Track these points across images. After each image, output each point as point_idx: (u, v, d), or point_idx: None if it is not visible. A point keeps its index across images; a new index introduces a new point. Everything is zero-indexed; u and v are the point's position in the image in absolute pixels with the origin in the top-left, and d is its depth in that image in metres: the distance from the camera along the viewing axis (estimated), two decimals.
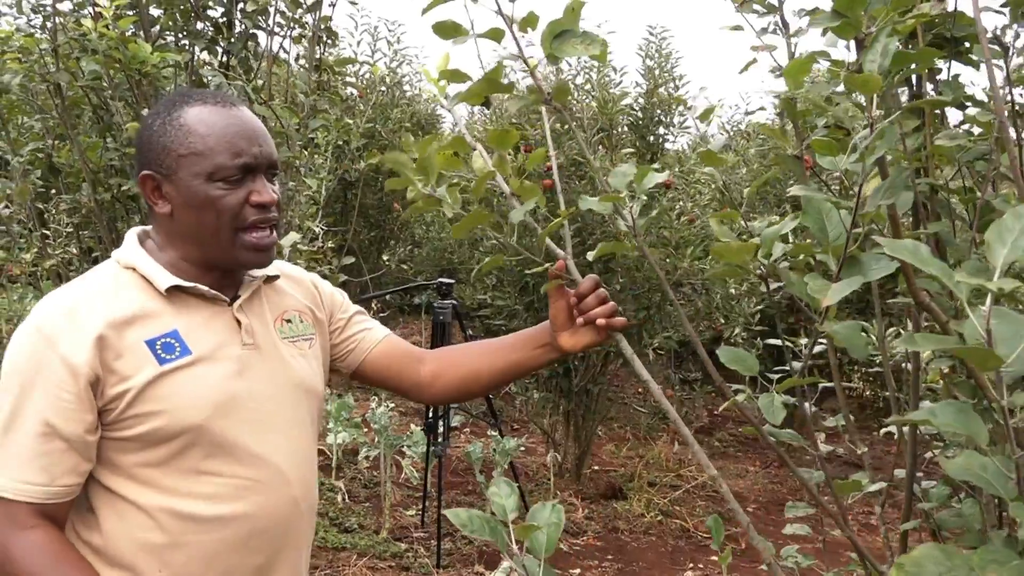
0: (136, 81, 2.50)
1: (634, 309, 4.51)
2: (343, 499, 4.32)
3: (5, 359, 1.13)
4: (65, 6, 2.73)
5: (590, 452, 5.21)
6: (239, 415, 1.19)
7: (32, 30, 2.65)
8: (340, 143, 3.53)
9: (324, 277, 3.19)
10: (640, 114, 4.79)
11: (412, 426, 4.78)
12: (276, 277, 1.34)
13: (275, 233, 1.23)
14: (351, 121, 3.55)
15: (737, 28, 1.35)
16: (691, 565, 4.12)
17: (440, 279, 3.80)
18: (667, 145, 5.05)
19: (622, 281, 4.33)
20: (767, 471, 5.54)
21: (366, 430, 4.48)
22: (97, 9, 2.48)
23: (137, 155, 1.23)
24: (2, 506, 1.11)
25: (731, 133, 6.35)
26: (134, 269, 1.20)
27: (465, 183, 1.12)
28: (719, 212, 1.49)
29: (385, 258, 4.56)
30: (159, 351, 1.15)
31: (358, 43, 6.06)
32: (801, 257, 0.94)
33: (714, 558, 4.16)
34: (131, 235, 1.27)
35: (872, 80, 0.66)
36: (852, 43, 0.81)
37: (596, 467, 5.38)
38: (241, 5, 2.78)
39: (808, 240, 0.87)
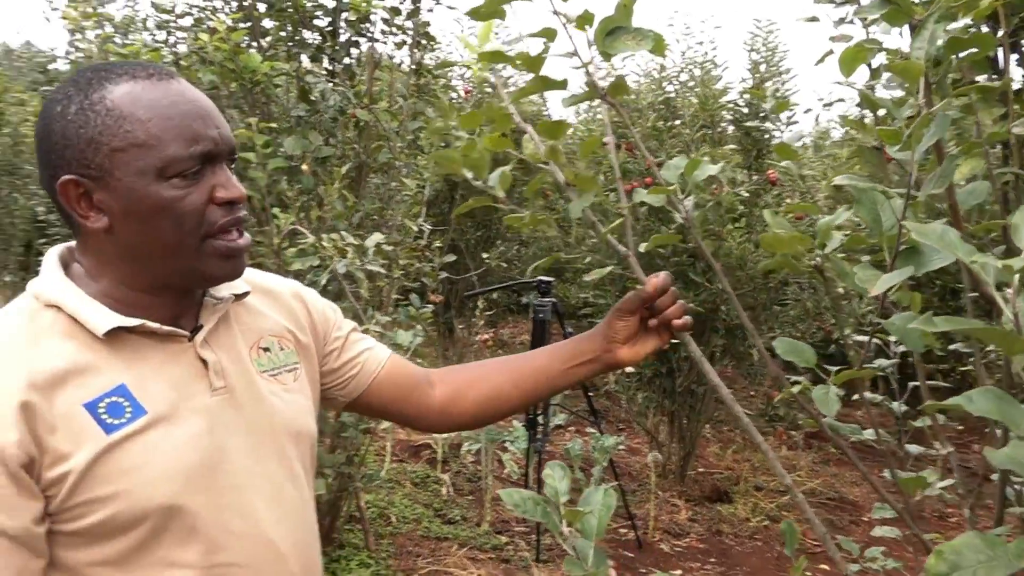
0: (248, 89, 2.67)
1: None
2: (447, 491, 4.43)
3: None
4: (186, 22, 2.93)
5: (695, 454, 5.14)
6: (216, 484, 0.93)
7: (157, 45, 2.86)
8: (443, 144, 3.64)
9: (425, 274, 3.29)
10: (745, 109, 4.69)
11: (515, 423, 4.85)
12: (246, 293, 1.06)
13: (246, 235, 0.98)
14: (453, 123, 3.64)
15: (813, 19, 1.33)
16: None
17: (540, 277, 3.84)
18: (775, 140, 4.93)
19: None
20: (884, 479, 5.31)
21: None
22: (212, 24, 2.65)
23: (46, 155, 0.91)
24: None
25: (843, 127, 6.12)
26: (58, 308, 0.91)
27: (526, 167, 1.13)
28: (796, 204, 1.47)
29: (485, 256, 4.64)
30: (104, 416, 0.87)
31: (464, 46, 6.18)
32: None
33: (824, 566, 4.03)
34: (51, 258, 0.96)
35: (913, 67, 0.65)
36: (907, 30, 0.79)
37: (701, 469, 5.30)
38: (345, 14, 2.91)
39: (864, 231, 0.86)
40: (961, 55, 1.05)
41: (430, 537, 3.77)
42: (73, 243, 0.98)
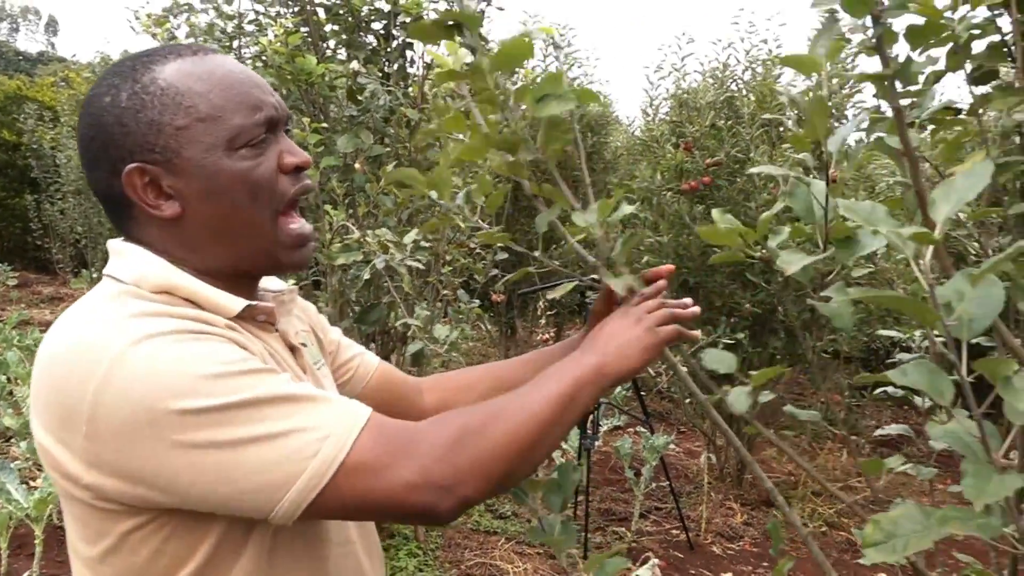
0: (304, 91, 2.78)
1: (797, 311, 4.36)
2: None
3: (166, 377, 0.74)
4: (250, 28, 3.07)
5: (753, 456, 5.07)
6: None
7: (222, 50, 3.00)
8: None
9: (476, 271, 3.34)
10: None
11: None
12: (295, 291, 1.06)
13: (309, 225, 0.95)
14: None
15: (832, 11, 1.34)
16: None
17: (593, 275, 3.86)
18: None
19: (780, 281, 4.20)
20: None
21: None
22: (273, 29, 2.78)
23: (101, 150, 0.85)
24: (364, 447, 0.78)
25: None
26: (170, 293, 0.84)
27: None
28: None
29: (536, 254, 4.67)
30: None
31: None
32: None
33: (882, 574, 3.94)
34: (135, 249, 0.88)
35: (808, 61, 0.67)
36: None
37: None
38: (399, 17, 3.00)
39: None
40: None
41: (479, 531, 3.84)
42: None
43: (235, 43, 3.02)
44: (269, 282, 1.03)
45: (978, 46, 1.22)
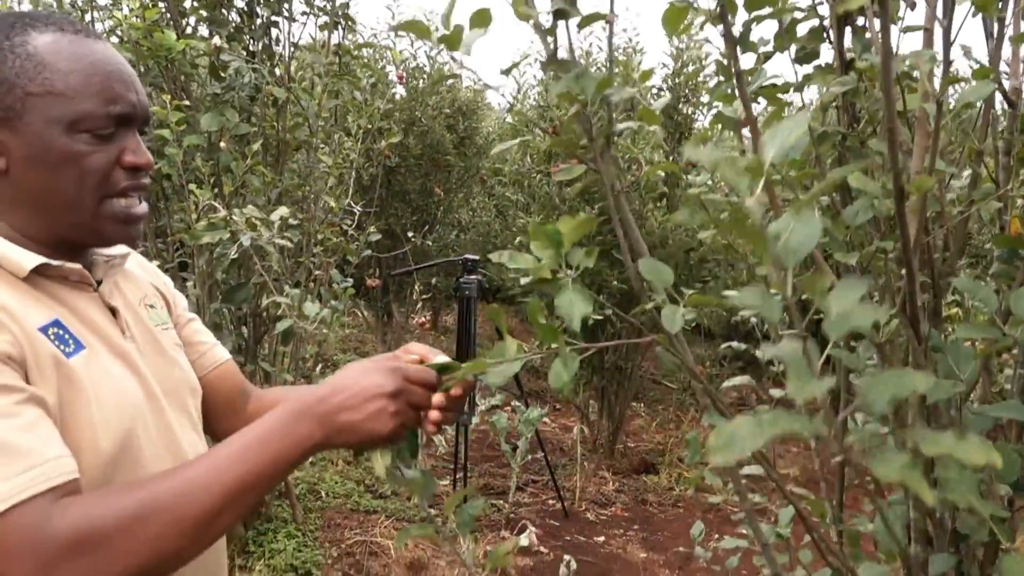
0: (164, 68, 2.69)
1: None
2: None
3: None
4: (102, 1, 2.94)
5: (624, 428, 5.29)
6: (148, 425, 0.94)
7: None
8: (368, 126, 3.68)
9: (348, 252, 3.33)
10: (667, 94, 4.84)
11: None
12: (127, 255, 1.06)
13: (144, 204, 0.97)
14: (377, 104, 3.70)
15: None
16: (716, 536, 4.19)
17: (465, 255, 3.93)
18: (696, 124, 5.10)
19: None
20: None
21: None
22: (127, 3, 2.67)
23: None
24: (21, 514, 0.73)
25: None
26: None
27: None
28: (657, 165, 1.58)
29: (411, 235, 4.67)
30: (55, 341, 0.86)
31: (395, 32, 6.22)
32: None
33: (742, 529, 4.22)
34: None
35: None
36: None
37: (631, 444, 5.46)
38: None
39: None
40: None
41: (359, 511, 3.84)
42: None
43: (87, 16, 2.88)
44: (114, 248, 1.03)
45: (802, 29, 1.36)
